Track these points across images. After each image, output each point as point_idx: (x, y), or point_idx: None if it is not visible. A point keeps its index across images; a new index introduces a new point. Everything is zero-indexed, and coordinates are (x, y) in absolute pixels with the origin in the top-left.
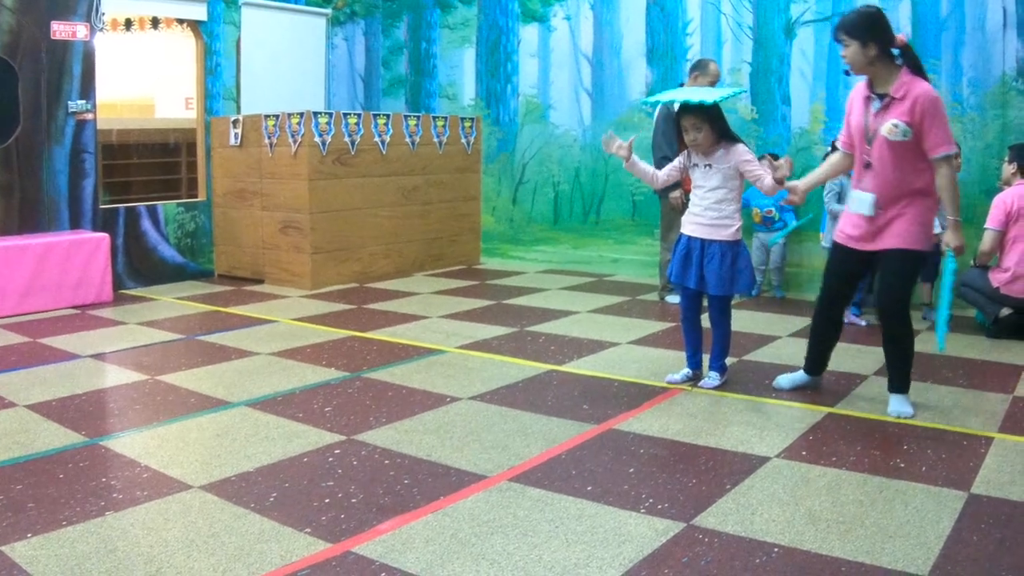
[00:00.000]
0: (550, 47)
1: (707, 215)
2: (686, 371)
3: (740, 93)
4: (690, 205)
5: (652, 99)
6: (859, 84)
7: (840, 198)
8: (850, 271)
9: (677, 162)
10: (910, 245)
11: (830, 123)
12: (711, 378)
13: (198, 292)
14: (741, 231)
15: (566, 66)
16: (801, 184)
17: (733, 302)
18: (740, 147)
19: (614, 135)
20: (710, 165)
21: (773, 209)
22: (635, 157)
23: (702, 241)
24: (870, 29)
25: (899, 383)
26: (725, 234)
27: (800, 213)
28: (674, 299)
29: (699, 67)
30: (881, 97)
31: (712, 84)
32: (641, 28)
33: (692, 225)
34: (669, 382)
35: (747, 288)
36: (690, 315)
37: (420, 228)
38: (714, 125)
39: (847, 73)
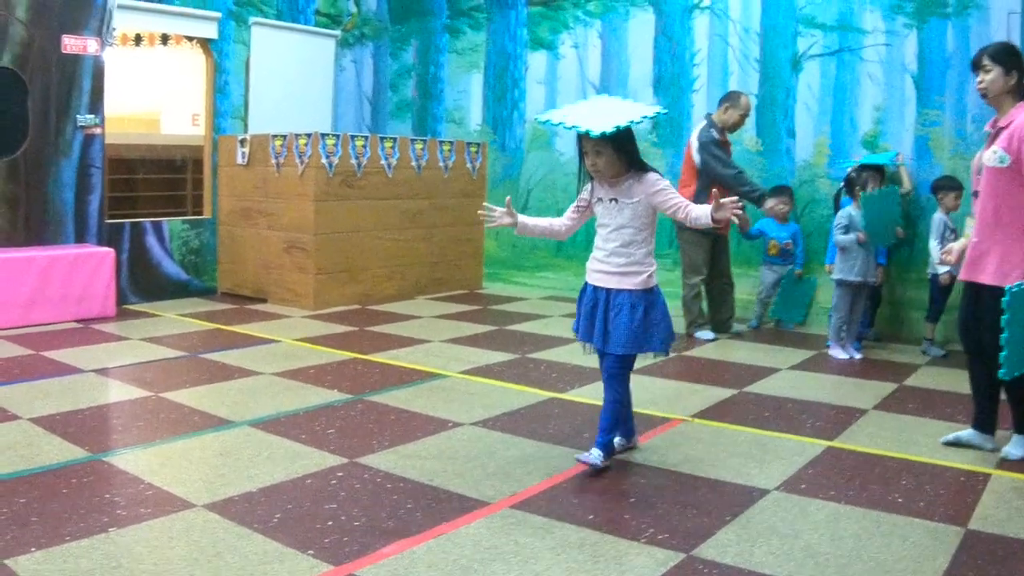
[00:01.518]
0: (557, 75)
1: (612, 262)
2: (619, 439)
3: (657, 116)
4: (593, 249)
5: (544, 118)
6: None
7: (848, 230)
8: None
9: (578, 200)
10: (998, 282)
11: (834, 157)
12: (593, 456)
13: (201, 309)
14: (655, 277)
15: (573, 94)
16: (956, 246)
17: (660, 358)
18: (651, 176)
19: (490, 206)
20: (615, 200)
21: (791, 242)
22: (522, 218)
23: (608, 291)
24: (1015, 59)
25: (1014, 422)
26: (635, 282)
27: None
28: (705, 335)
29: (730, 99)
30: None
31: (743, 117)
32: (649, 58)
33: (595, 273)
34: (578, 460)
35: (663, 346)
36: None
37: (423, 252)
38: (619, 150)
39: (983, 98)
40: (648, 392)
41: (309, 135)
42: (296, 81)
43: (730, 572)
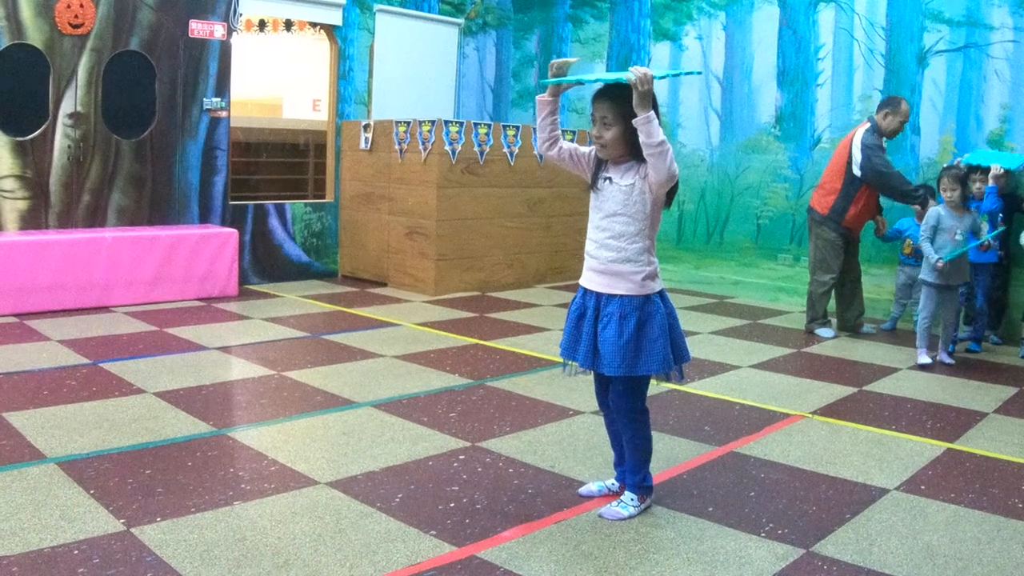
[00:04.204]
0: (681, 66)
1: (601, 256)
2: (609, 483)
3: (689, 74)
4: (587, 240)
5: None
6: None
7: (936, 232)
8: None
9: (579, 148)
10: None
11: (959, 155)
12: (624, 504)
13: (322, 291)
14: (658, 281)
15: (696, 86)
16: None
17: (663, 382)
18: None
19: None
20: (610, 179)
21: None
22: (554, 104)
23: (597, 296)
24: None
25: None
26: (628, 286)
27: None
28: (826, 332)
29: (890, 104)
30: None
31: (903, 123)
32: (773, 51)
33: (587, 272)
34: (582, 495)
35: (659, 367)
36: (605, 407)
37: (544, 240)
38: (631, 129)
39: None
40: (768, 387)
41: (433, 122)
42: (419, 68)
43: (849, 570)
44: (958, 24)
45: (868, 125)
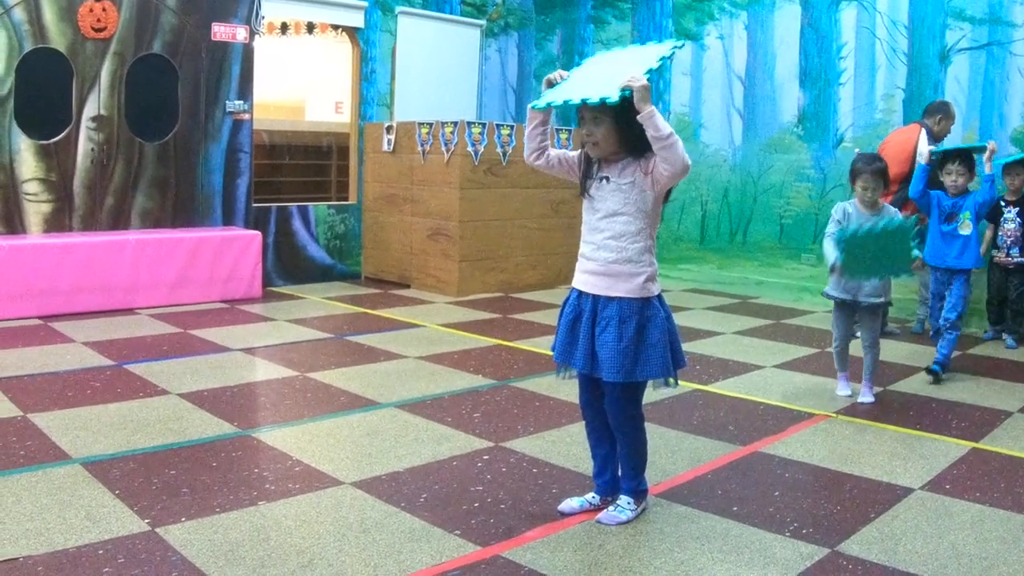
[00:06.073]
0: (703, 66)
1: (600, 257)
2: (589, 496)
3: (666, 58)
4: (581, 243)
5: (543, 102)
6: None
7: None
8: None
9: (567, 153)
10: None
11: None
12: (621, 508)
13: (345, 293)
14: (657, 284)
15: (718, 85)
16: None
17: (661, 388)
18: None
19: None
20: (607, 178)
21: None
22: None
23: (594, 299)
24: None
25: None
26: (628, 287)
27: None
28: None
29: (941, 109)
30: None
31: (951, 127)
32: (795, 50)
33: (581, 275)
34: (562, 512)
35: (659, 372)
36: (589, 412)
37: (567, 241)
38: (622, 121)
39: None
40: (792, 387)
41: (455, 123)
42: (441, 70)
43: (874, 569)
44: (980, 22)
45: (923, 131)
